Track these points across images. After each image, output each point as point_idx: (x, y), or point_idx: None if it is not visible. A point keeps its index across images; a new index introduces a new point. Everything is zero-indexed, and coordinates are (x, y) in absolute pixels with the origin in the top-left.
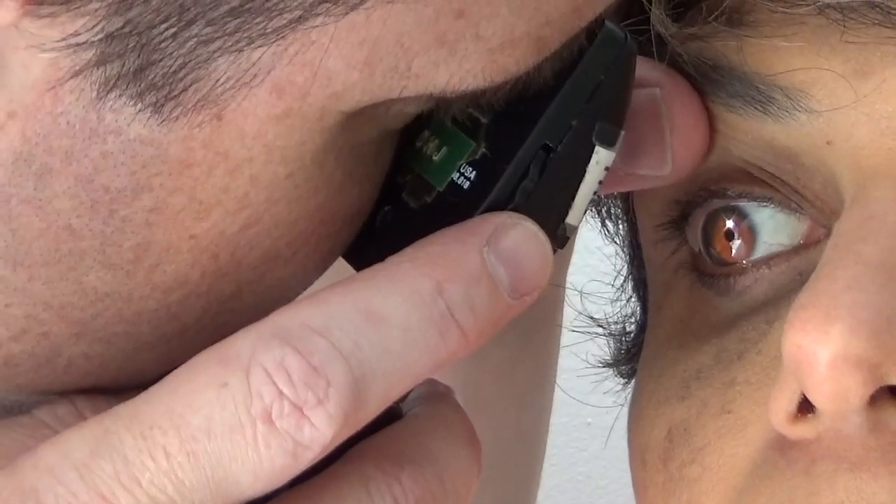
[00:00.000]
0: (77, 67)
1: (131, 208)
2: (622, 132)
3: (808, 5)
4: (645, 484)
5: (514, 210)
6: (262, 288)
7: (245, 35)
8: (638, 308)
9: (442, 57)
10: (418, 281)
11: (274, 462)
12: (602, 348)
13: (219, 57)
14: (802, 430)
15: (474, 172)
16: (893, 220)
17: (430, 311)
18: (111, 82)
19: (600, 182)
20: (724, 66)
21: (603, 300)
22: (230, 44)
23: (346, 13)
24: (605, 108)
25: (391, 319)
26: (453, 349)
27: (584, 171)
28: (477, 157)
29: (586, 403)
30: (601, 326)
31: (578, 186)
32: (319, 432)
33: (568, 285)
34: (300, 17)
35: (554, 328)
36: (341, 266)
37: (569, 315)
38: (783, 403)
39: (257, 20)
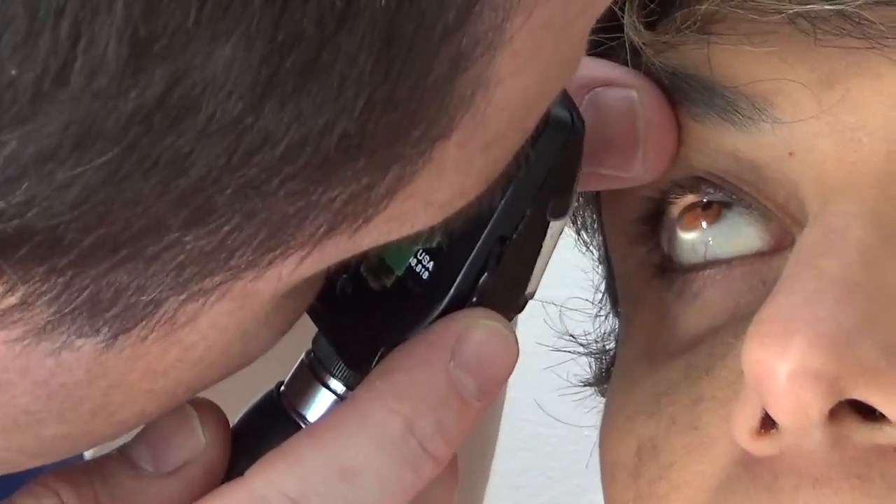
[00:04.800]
0: (26, 328)
1: (88, 390)
2: (573, 198)
3: (779, 14)
4: (614, 500)
5: (476, 303)
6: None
7: (194, 286)
8: (617, 325)
9: (393, 228)
10: (388, 422)
11: None
12: (584, 368)
13: (167, 300)
14: (765, 447)
15: (432, 263)
16: (854, 235)
17: (403, 452)
18: (62, 331)
19: (554, 245)
20: (691, 74)
21: (583, 316)
22: (178, 293)
23: (302, 260)
24: (556, 187)
25: (365, 472)
26: (427, 477)
27: (541, 247)
28: (433, 245)
29: (582, 425)
30: (582, 345)
31: (536, 261)
32: None
33: (549, 301)
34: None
35: None
36: None
37: (554, 334)
38: (745, 419)
39: (206, 274)
